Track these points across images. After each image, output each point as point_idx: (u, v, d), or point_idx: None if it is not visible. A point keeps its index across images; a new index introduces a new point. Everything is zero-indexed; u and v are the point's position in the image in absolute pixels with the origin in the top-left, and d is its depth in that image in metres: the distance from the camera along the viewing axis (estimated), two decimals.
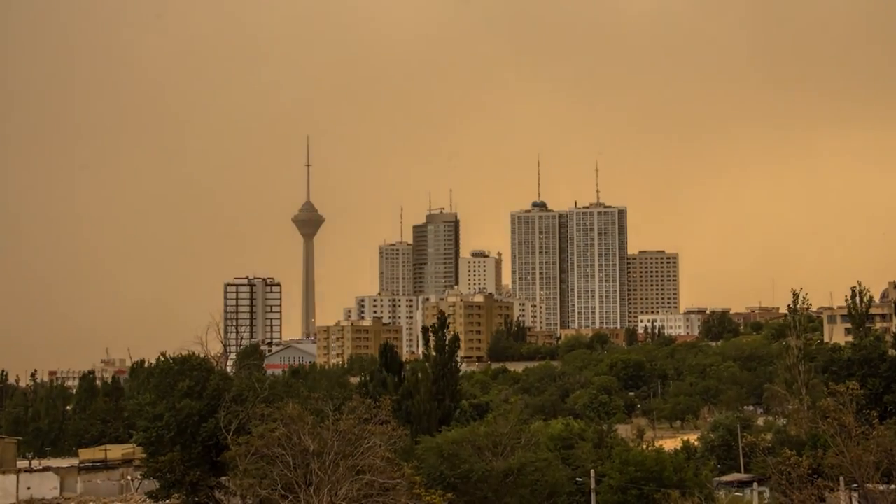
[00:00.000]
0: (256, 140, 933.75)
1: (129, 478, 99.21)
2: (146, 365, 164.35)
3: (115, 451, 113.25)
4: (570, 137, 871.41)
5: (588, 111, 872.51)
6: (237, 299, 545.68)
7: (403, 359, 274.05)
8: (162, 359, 78.59)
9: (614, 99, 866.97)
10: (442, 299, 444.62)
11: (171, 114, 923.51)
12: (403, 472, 50.87)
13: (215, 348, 75.88)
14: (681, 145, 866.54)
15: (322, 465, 48.12)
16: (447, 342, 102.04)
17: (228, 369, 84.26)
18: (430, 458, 67.57)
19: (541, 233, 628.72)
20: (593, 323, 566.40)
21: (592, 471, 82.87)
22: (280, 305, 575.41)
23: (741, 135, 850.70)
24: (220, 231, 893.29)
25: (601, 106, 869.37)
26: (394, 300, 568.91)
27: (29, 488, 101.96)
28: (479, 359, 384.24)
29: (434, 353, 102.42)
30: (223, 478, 66.51)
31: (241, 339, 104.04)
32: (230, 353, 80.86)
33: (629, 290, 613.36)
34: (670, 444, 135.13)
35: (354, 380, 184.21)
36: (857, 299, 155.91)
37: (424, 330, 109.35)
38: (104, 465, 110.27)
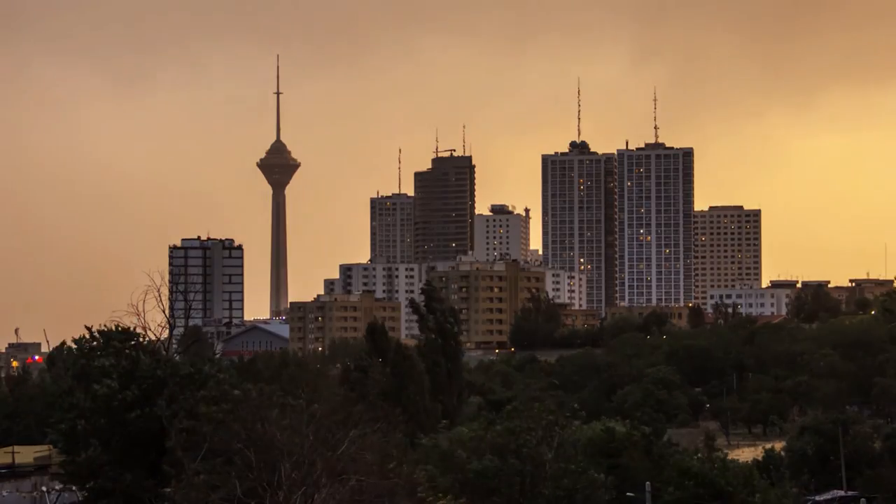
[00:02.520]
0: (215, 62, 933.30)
1: (43, 488, 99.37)
2: (66, 349, 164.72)
3: (26, 455, 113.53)
4: (617, 61, 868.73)
5: (642, 27, 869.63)
6: (186, 265, 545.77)
7: (404, 342, 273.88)
8: (81, 335, 78.40)
9: (677, 10, 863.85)
10: (452, 268, 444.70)
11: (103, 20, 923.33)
12: (400, 472, 50.82)
13: (158, 318, 75.48)
14: (760, 68, 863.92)
15: (295, 464, 48.08)
16: (443, 321, 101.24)
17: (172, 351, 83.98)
18: (430, 459, 67.70)
19: (581, 182, 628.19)
20: (649, 300, 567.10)
21: (648, 483, 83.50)
22: (242, 275, 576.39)
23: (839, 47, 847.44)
24: (167, 183, 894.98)
25: (658, 19, 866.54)
26: (389, 269, 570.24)
27: None
28: (501, 345, 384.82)
29: (430, 335, 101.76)
30: (167, 489, 66.28)
31: (190, 308, 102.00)
32: (175, 326, 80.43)
33: (696, 256, 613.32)
34: (749, 453, 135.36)
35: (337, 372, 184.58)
36: None
37: (413, 306, 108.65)
38: (11, 472, 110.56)
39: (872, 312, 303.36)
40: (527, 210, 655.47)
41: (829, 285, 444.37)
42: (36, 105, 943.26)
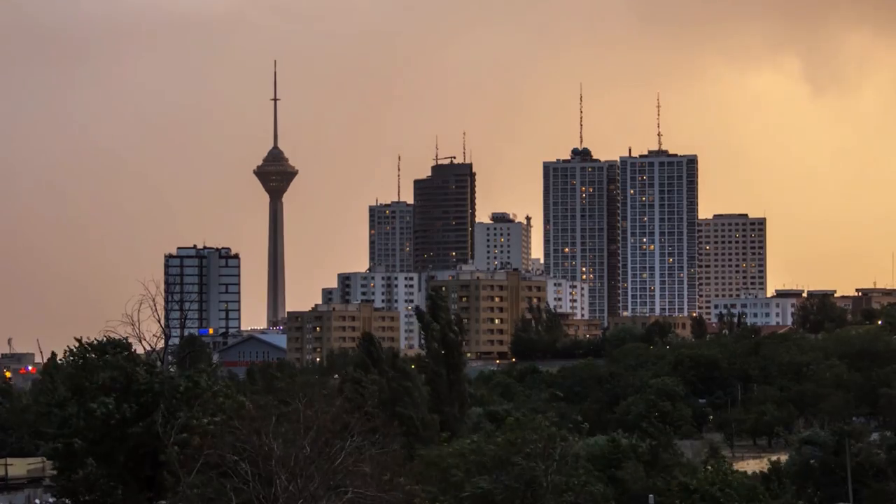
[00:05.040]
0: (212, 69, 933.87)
1: (36, 501, 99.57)
2: (59, 360, 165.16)
3: (19, 467, 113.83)
4: (620, 68, 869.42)
5: (643, 31, 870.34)
6: (182, 274, 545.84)
7: (402, 354, 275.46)
8: (76, 346, 78.06)
9: (675, 14, 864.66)
10: (452, 277, 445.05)
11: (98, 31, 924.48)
12: (398, 484, 50.90)
13: (153, 329, 75.22)
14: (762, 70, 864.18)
15: (291, 476, 48.14)
16: (447, 330, 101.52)
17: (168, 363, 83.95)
18: (429, 473, 67.86)
19: (583, 190, 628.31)
20: (652, 309, 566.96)
21: (652, 496, 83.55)
22: (239, 284, 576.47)
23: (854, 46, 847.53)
24: (162, 191, 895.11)
25: (658, 25, 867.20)
26: (388, 278, 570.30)
27: None
28: (502, 355, 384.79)
29: (433, 345, 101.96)
30: (162, 503, 66.36)
31: (186, 315, 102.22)
32: (171, 336, 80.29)
33: (699, 265, 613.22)
34: (754, 465, 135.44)
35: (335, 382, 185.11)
36: None
37: (418, 314, 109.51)
38: (4, 485, 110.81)
39: (879, 322, 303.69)
40: (528, 218, 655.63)
41: (836, 294, 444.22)
42: (29, 109, 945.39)
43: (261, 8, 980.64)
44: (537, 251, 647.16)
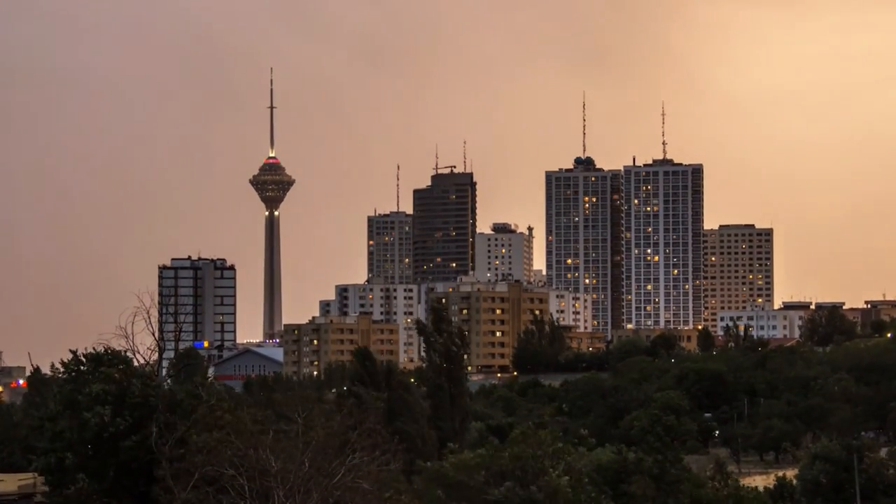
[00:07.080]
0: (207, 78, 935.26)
1: None
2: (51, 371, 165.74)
3: (10, 483, 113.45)
4: (622, 72, 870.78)
5: (647, 37, 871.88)
6: (176, 286, 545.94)
7: (402, 367, 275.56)
8: (70, 358, 77.96)
9: (681, 18, 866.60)
10: (453, 289, 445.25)
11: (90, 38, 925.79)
12: (399, 501, 50.96)
13: (147, 342, 75.08)
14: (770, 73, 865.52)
15: (289, 492, 48.17)
16: (450, 343, 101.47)
17: (162, 376, 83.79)
18: (431, 488, 67.87)
19: (586, 199, 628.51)
20: (657, 322, 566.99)
21: None
22: (234, 297, 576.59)
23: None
24: (156, 201, 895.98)
25: (661, 31, 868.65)
26: (387, 290, 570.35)
27: None
28: (503, 369, 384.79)
29: (434, 359, 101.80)
30: None
31: (181, 328, 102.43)
32: (165, 350, 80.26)
33: (705, 277, 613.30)
34: (761, 481, 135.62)
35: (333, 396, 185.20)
36: None
37: (420, 327, 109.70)
38: None
39: (889, 335, 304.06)
40: (530, 228, 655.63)
41: (844, 307, 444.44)
42: (23, 124, 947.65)
43: (257, 15, 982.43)
44: (539, 262, 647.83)
